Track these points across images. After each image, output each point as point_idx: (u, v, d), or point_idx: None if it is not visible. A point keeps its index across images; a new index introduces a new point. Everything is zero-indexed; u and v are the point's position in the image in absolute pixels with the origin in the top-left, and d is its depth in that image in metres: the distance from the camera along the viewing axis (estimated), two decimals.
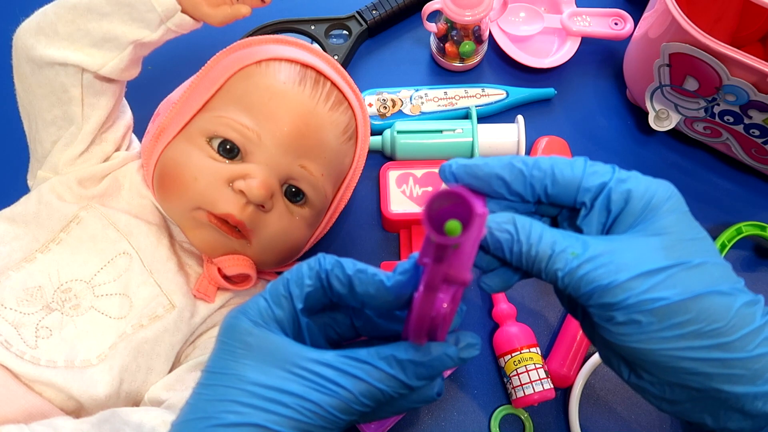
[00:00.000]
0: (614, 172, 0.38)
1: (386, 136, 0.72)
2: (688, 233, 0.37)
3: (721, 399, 0.36)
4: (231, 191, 0.53)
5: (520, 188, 0.38)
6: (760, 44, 0.74)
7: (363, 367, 0.36)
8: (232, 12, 0.55)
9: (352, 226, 0.70)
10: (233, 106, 0.55)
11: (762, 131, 0.65)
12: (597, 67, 0.79)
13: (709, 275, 0.36)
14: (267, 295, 0.38)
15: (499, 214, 0.38)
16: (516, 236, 0.37)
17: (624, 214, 0.37)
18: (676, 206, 0.38)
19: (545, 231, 0.37)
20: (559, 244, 0.36)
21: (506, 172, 0.38)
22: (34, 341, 0.49)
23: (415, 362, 0.36)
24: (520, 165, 0.38)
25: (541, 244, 0.37)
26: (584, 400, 0.63)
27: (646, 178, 0.38)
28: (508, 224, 0.37)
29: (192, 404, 0.37)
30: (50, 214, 0.54)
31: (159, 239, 0.55)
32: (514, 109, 0.76)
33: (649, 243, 0.36)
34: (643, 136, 0.75)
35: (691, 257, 0.36)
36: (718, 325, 0.35)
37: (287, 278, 0.39)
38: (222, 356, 0.37)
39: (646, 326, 0.35)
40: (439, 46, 0.77)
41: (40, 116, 0.56)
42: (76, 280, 0.52)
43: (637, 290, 0.35)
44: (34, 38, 0.53)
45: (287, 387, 0.35)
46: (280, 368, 0.36)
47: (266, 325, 0.37)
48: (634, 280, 0.35)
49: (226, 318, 0.38)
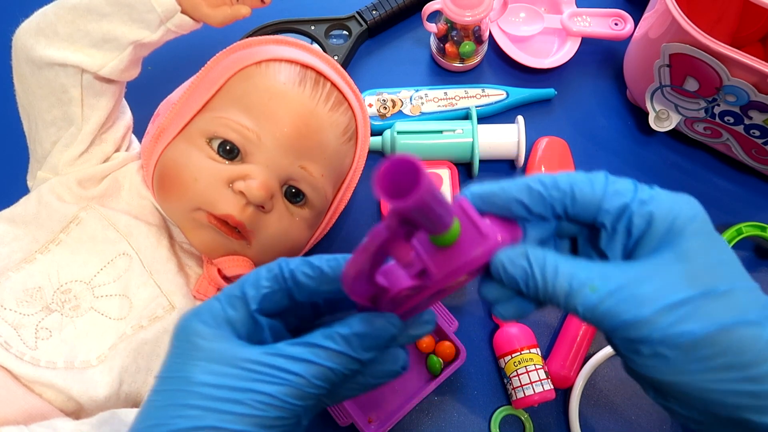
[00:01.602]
0: (636, 191, 0.36)
1: (386, 136, 0.72)
2: (714, 257, 0.35)
3: (750, 428, 0.35)
4: (231, 192, 0.53)
5: (541, 210, 0.37)
6: (760, 44, 0.74)
7: (310, 349, 0.36)
8: (232, 12, 0.55)
9: (352, 226, 0.70)
10: (233, 107, 0.55)
11: (762, 132, 0.65)
12: (597, 67, 0.79)
13: (737, 303, 0.34)
14: (221, 297, 0.38)
15: (510, 248, 0.36)
16: (531, 271, 0.35)
17: (646, 236, 0.36)
18: (701, 228, 0.36)
19: (561, 263, 0.35)
20: (577, 278, 0.35)
21: (525, 196, 0.36)
22: (33, 342, 0.49)
23: (359, 334, 0.36)
24: (538, 187, 0.37)
25: (558, 279, 0.35)
26: (584, 401, 0.63)
27: (669, 196, 0.37)
28: (521, 259, 0.36)
29: (143, 412, 0.36)
30: (50, 215, 0.54)
31: (159, 240, 0.55)
32: (514, 109, 0.76)
33: (673, 270, 0.35)
34: (643, 137, 0.75)
35: (716, 284, 0.34)
36: (747, 357, 0.33)
37: (243, 280, 0.39)
38: (173, 360, 0.36)
39: (672, 360, 0.34)
40: (439, 47, 0.77)
41: (40, 117, 0.56)
42: (76, 281, 0.52)
43: (661, 324, 0.33)
44: (33, 39, 0.53)
45: (238, 384, 0.35)
46: (230, 366, 0.35)
47: (217, 326, 0.37)
48: (657, 314, 0.34)
49: (179, 321, 0.38)
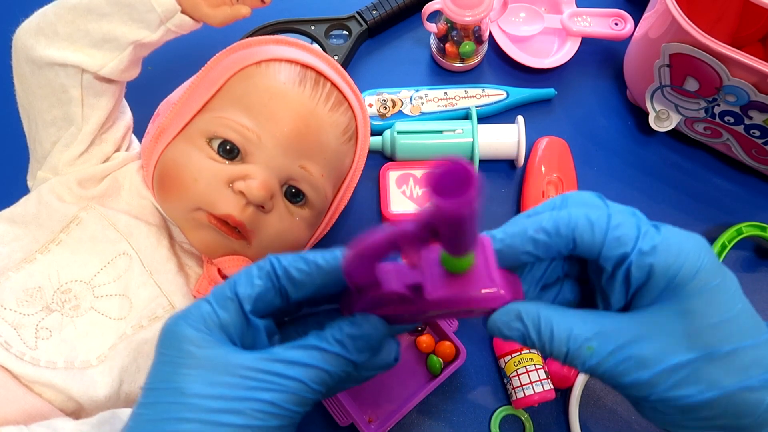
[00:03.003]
0: (638, 238, 0.35)
1: (386, 136, 0.72)
2: (716, 315, 0.34)
3: None
4: (231, 192, 0.53)
5: (548, 255, 0.37)
6: (760, 44, 0.74)
7: (307, 352, 0.35)
8: (232, 12, 0.55)
9: (352, 226, 0.70)
10: (233, 107, 0.55)
11: (762, 132, 0.65)
12: (597, 67, 0.79)
13: (739, 366, 0.34)
14: (211, 299, 0.36)
15: (502, 310, 0.36)
16: (527, 332, 0.35)
17: (646, 288, 0.35)
18: (704, 283, 0.34)
19: (555, 321, 0.35)
20: (574, 340, 0.35)
21: (531, 247, 0.36)
22: (33, 342, 0.49)
23: (353, 336, 0.36)
24: (542, 237, 0.36)
25: (554, 341, 0.35)
26: (584, 401, 0.63)
27: (674, 243, 0.35)
28: (516, 322, 0.35)
29: (132, 427, 0.34)
30: (50, 215, 0.54)
31: (159, 240, 0.55)
32: (514, 109, 0.76)
33: (673, 329, 0.34)
34: (643, 137, 0.75)
35: (718, 345, 0.34)
36: (746, 422, 0.34)
37: (234, 280, 0.37)
38: (162, 369, 0.34)
39: (671, 416, 0.34)
40: (439, 47, 0.77)
41: (40, 117, 0.56)
42: (76, 281, 0.52)
43: (660, 388, 0.34)
44: (33, 39, 0.53)
45: (236, 393, 0.33)
46: (226, 374, 0.33)
47: (209, 330, 0.35)
48: (656, 377, 0.34)
49: (166, 326, 0.36)
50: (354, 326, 0.36)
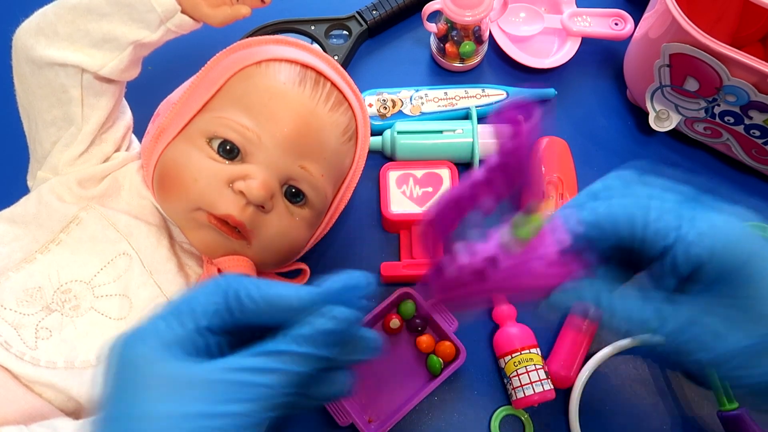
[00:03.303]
0: (679, 228, 0.36)
1: (386, 136, 0.72)
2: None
3: None
4: (231, 192, 0.53)
5: (590, 247, 0.38)
6: (760, 44, 0.74)
7: (274, 357, 0.34)
8: (232, 12, 0.55)
9: (352, 226, 0.70)
10: (233, 107, 0.55)
11: (762, 132, 0.65)
12: (597, 67, 0.79)
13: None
14: (166, 316, 0.35)
15: (565, 288, 0.37)
16: (589, 308, 0.37)
17: (696, 273, 0.36)
18: (756, 269, 0.35)
19: (615, 304, 0.37)
20: (633, 322, 0.36)
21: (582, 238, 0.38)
22: (33, 342, 0.49)
23: (322, 331, 0.35)
24: (585, 231, 0.38)
25: (614, 320, 0.37)
26: (584, 401, 0.63)
27: (720, 231, 0.36)
28: (577, 298, 0.37)
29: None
30: (50, 215, 0.54)
31: (159, 240, 0.55)
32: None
33: (729, 315, 0.35)
34: (643, 137, 0.75)
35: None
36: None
37: (189, 296, 0.36)
38: (120, 395, 0.33)
39: (736, 389, 0.37)
40: (439, 47, 0.77)
41: (40, 117, 0.56)
42: (76, 281, 0.52)
43: (722, 369, 0.35)
44: (33, 39, 0.53)
45: (207, 409, 0.32)
46: (194, 389, 0.32)
47: (167, 349, 0.33)
48: (715, 359, 0.35)
49: (117, 348, 0.34)
50: (324, 318, 0.35)
